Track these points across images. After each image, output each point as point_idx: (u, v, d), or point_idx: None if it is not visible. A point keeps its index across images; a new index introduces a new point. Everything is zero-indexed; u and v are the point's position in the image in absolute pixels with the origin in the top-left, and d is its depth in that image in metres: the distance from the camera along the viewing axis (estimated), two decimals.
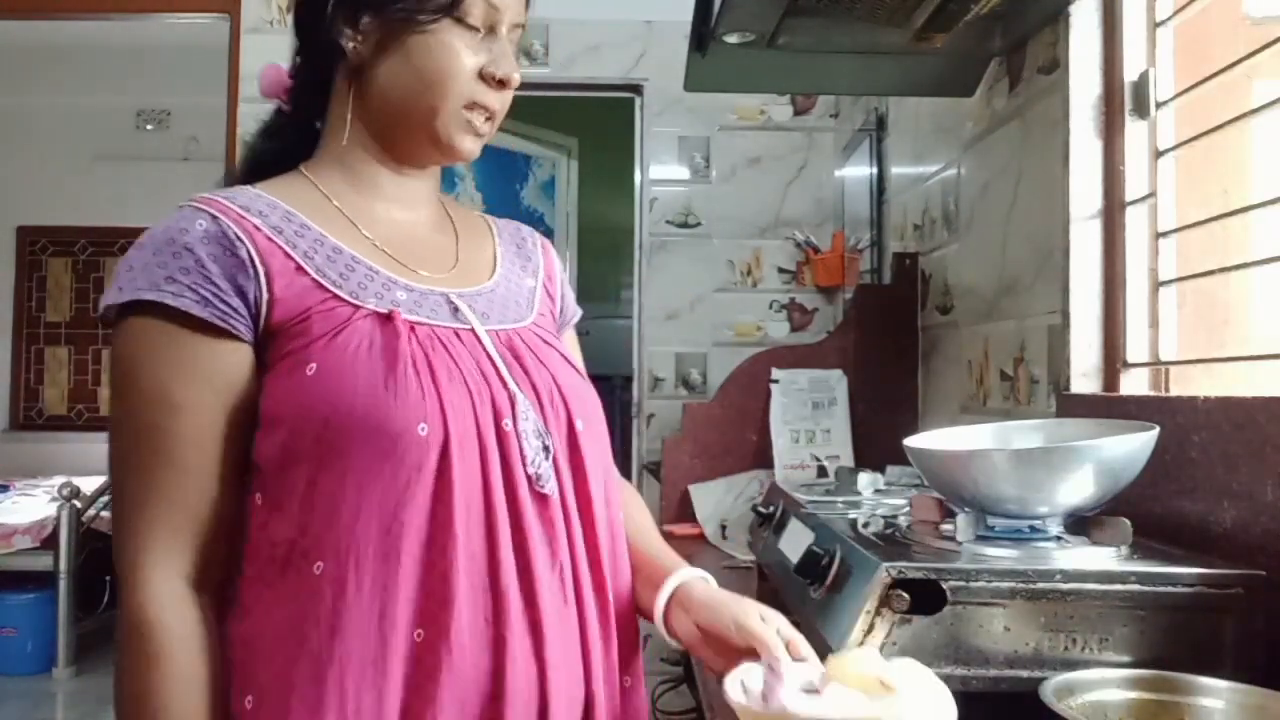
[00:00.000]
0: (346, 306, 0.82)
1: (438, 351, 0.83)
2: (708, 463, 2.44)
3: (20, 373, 6.12)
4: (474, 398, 0.82)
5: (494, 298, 0.93)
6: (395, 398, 0.78)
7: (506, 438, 0.83)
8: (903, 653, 0.92)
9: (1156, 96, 1.35)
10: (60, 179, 5.99)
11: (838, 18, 1.51)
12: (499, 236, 1.03)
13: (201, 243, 0.80)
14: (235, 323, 0.80)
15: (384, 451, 0.78)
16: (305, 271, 0.83)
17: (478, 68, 0.88)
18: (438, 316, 0.86)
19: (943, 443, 1.17)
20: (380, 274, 0.86)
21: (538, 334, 0.93)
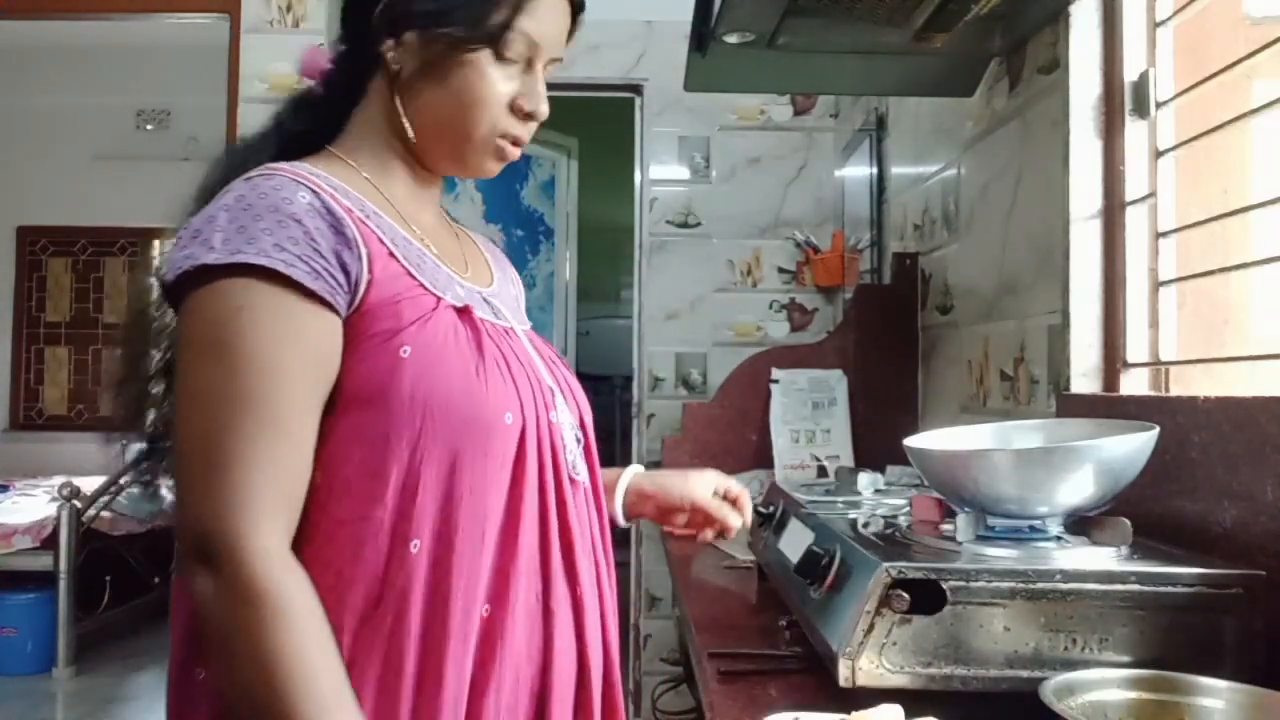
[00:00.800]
0: (430, 296, 0.85)
1: (506, 348, 0.90)
2: (708, 463, 2.42)
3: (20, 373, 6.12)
4: (536, 392, 0.90)
5: (504, 300, 0.99)
6: (486, 387, 0.84)
7: (554, 429, 0.91)
8: (902, 652, 0.92)
9: (1156, 96, 1.35)
10: (60, 179, 6.00)
11: (838, 18, 1.51)
12: (479, 243, 1.08)
13: (308, 214, 0.80)
14: (339, 298, 0.80)
15: (478, 439, 0.83)
16: (395, 258, 0.85)
17: (510, 99, 0.91)
18: (490, 315, 0.93)
19: (943, 443, 1.17)
20: (442, 269, 0.91)
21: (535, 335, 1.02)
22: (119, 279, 6.19)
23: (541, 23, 0.90)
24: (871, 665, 0.92)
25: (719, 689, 1.06)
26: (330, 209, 0.82)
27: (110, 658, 4.35)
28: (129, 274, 6.20)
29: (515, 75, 0.91)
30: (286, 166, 0.85)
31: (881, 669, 0.92)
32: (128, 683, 4.11)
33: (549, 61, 0.94)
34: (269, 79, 3.02)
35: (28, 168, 6.04)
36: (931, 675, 0.92)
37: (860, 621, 0.92)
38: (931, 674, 0.92)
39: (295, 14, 3.02)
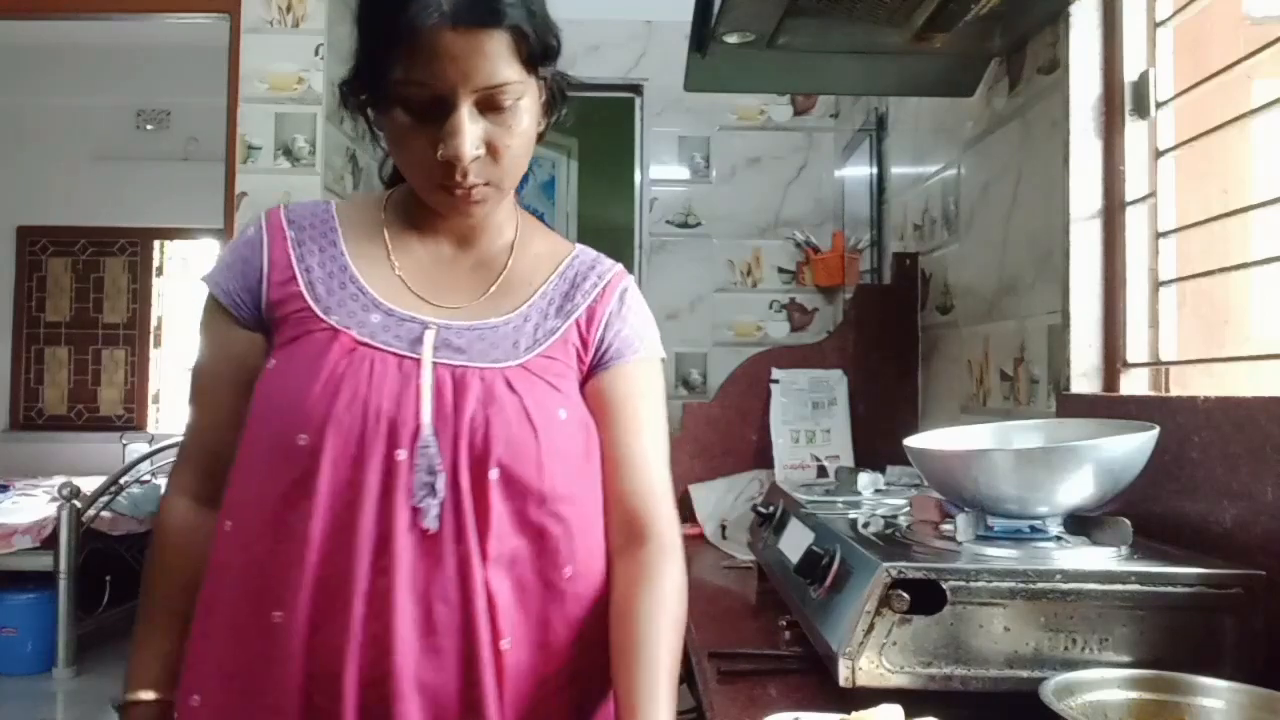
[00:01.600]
0: (313, 318, 0.92)
1: (359, 374, 0.89)
2: (708, 463, 2.44)
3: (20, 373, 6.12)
4: (368, 422, 0.87)
5: (491, 335, 0.94)
6: (291, 410, 0.88)
7: (395, 467, 0.86)
8: (902, 652, 0.92)
9: (1156, 96, 1.35)
10: (60, 179, 5.99)
11: (838, 18, 1.51)
12: (560, 275, 1.01)
13: (244, 246, 0.97)
14: (244, 312, 0.96)
15: (271, 454, 0.88)
16: (296, 281, 0.94)
17: (430, 150, 0.88)
18: (394, 344, 0.91)
19: (943, 443, 1.17)
20: (366, 296, 0.94)
21: (516, 376, 0.92)
22: (119, 279, 6.18)
23: (425, 64, 0.84)
24: (871, 665, 0.92)
25: (719, 689, 1.06)
26: (258, 242, 0.96)
27: (110, 658, 4.35)
28: (129, 274, 6.20)
29: (434, 123, 0.87)
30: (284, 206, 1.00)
31: (881, 669, 0.92)
32: None
33: (477, 91, 0.86)
34: (269, 79, 3.02)
35: (28, 168, 6.03)
36: (931, 675, 0.92)
37: (860, 621, 0.92)
38: (931, 674, 0.92)
39: (295, 14, 3.02)
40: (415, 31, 0.83)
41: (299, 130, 3.01)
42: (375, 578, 0.85)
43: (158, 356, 6.27)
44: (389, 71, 0.86)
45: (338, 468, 0.86)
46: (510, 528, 0.89)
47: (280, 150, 3.01)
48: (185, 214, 5.79)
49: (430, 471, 0.87)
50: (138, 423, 6.10)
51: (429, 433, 0.87)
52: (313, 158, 3.00)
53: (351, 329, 0.91)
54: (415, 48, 0.84)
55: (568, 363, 0.97)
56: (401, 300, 0.95)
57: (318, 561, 0.85)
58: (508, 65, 0.87)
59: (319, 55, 2.98)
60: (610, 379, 0.99)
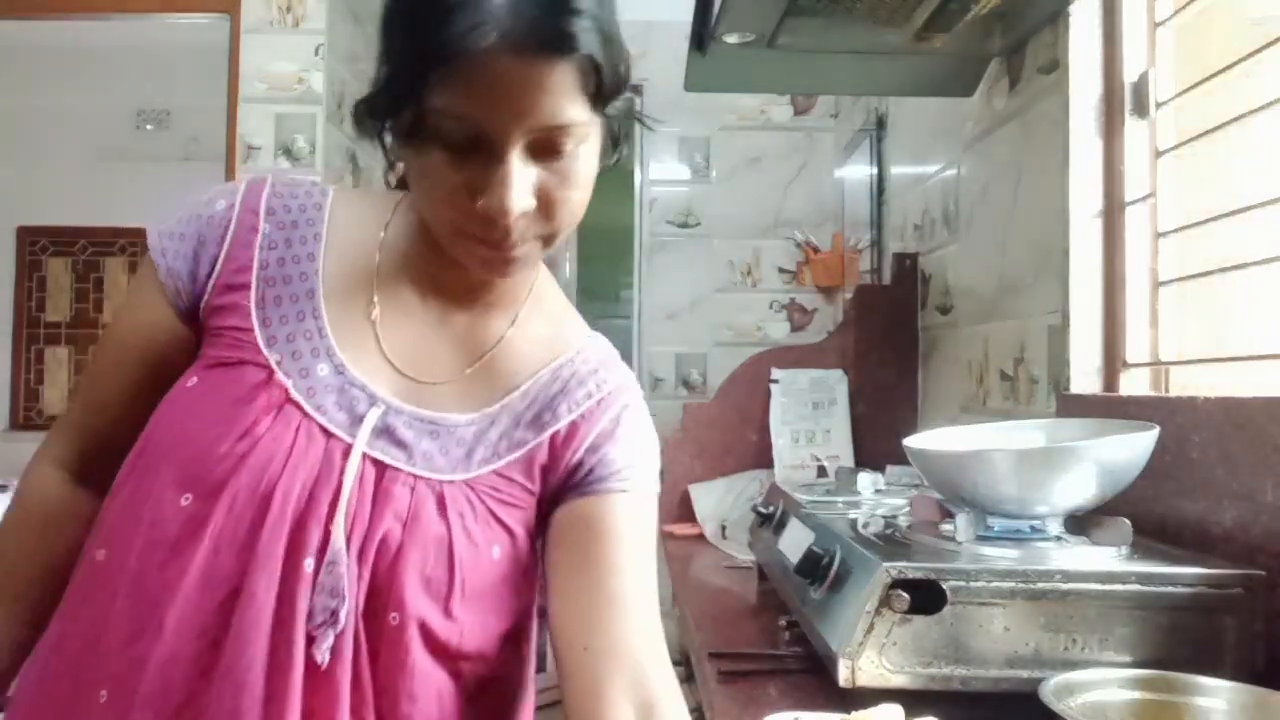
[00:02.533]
0: (252, 347, 0.76)
1: (279, 442, 0.72)
2: (708, 463, 2.44)
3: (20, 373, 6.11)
4: (271, 510, 0.70)
5: (445, 435, 0.77)
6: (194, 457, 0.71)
7: (298, 577, 0.70)
8: (902, 652, 0.92)
9: (1156, 96, 1.35)
10: (60, 179, 5.98)
11: (838, 18, 1.51)
12: (553, 373, 0.83)
13: (205, 222, 0.80)
14: (180, 301, 0.79)
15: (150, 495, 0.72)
16: (246, 293, 0.77)
17: (465, 194, 0.70)
18: (331, 413, 0.75)
19: (943, 443, 1.17)
20: (322, 339, 0.77)
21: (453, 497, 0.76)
22: (119, 279, 6.18)
23: (473, 94, 0.67)
24: (871, 665, 0.92)
25: (719, 689, 1.06)
26: (224, 223, 0.79)
27: None
28: (129, 274, 6.20)
29: (475, 164, 0.69)
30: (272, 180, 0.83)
31: (881, 669, 0.92)
32: None
33: (534, 133, 0.69)
34: (269, 79, 3.02)
35: (28, 168, 6.03)
36: (931, 675, 0.92)
37: (860, 621, 0.92)
38: (931, 674, 0.92)
39: (295, 14, 3.02)
40: (463, 54, 0.65)
41: (299, 130, 3.01)
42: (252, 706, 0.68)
43: None
44: (423, 97, 0.68)
45: (220, 551, 0.70)
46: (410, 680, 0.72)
47: (280, 150, 3.01)
48: None
49: (334, 595, 0.70)
50: None
51: (340, 545, 0.70)
52: (313, 158, 3.00)
53: (291, 377, 0.75)
54: (461, 73, 0.66)
55: (525, 485, 0.79)
56: (361, 355, 0.77)
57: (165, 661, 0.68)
58: (573, 103, 0.69)
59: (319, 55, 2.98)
60: (598, 509, 0.79)
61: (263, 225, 0.80)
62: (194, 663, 0.69)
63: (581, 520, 0.79)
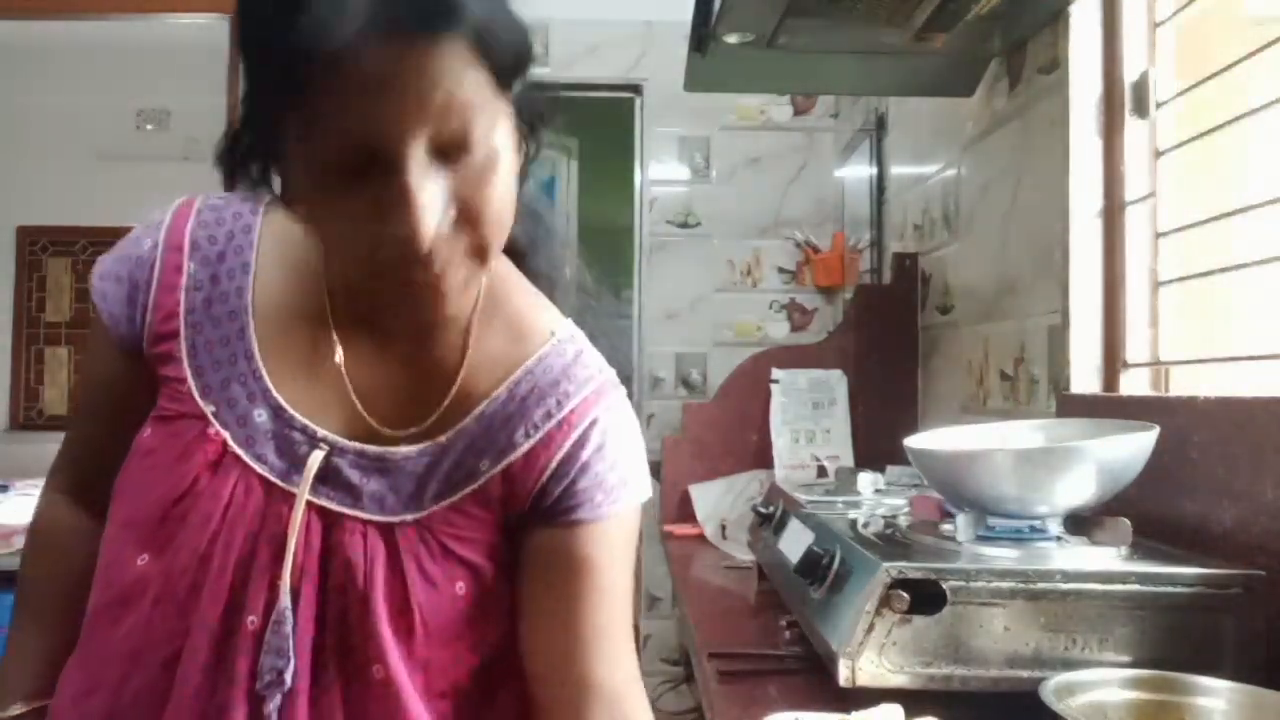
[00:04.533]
0: (189, 398, 0.71)
1: (217, 497, 0.68)
2: (708, 463, 2.44)
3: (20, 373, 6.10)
4: (211, 565, 0.67)
5: (396, 470, 0.71)
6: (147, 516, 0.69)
7: (241, 636, 0.66)
8: (902, 652, 0.92)
9: (1156, 96, 1.35)
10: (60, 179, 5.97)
11: (838, 18, 1.51)
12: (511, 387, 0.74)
13: (136, 264, 0.74)
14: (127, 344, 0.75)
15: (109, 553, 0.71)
16: (177, 343, 0.72)
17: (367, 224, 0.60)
18: (270, 460, 0.70)
19: (943, 443, 1.17)
20: (257, 381, 0.71)
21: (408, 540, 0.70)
22: None
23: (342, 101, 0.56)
24: (871, 665, 0.92)
25: (719, 689, 1.06)
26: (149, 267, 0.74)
27: None
28: None
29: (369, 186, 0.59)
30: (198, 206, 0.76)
31: (881, 669, 0.92)
32: None
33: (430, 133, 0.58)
34: None
35: (28, 168, 6.02)
36: (931, 675, 0.92)
37: (860, 621, 0.92)
38: (931, 674, 0.92)
39: None
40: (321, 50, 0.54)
41: None
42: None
43: None
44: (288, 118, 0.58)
45: (163, 609, 0.67)
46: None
47: None
48: None
49: (280, 655, 0.66)
50: None
51: (286, 603, 0.66)
52: None
53: (229, 428, 0.70)
54: (328, 75, 0.55)
55: (484, 518, 0.73)
56: (304, 394, 0.71)
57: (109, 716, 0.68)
58: (470, 85, 0.59)
59: None
60: (566, 539, 0.73)
61: (186, 264, 0.73)
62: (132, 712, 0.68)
63: (549, 552, 0.73)
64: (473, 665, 0.72)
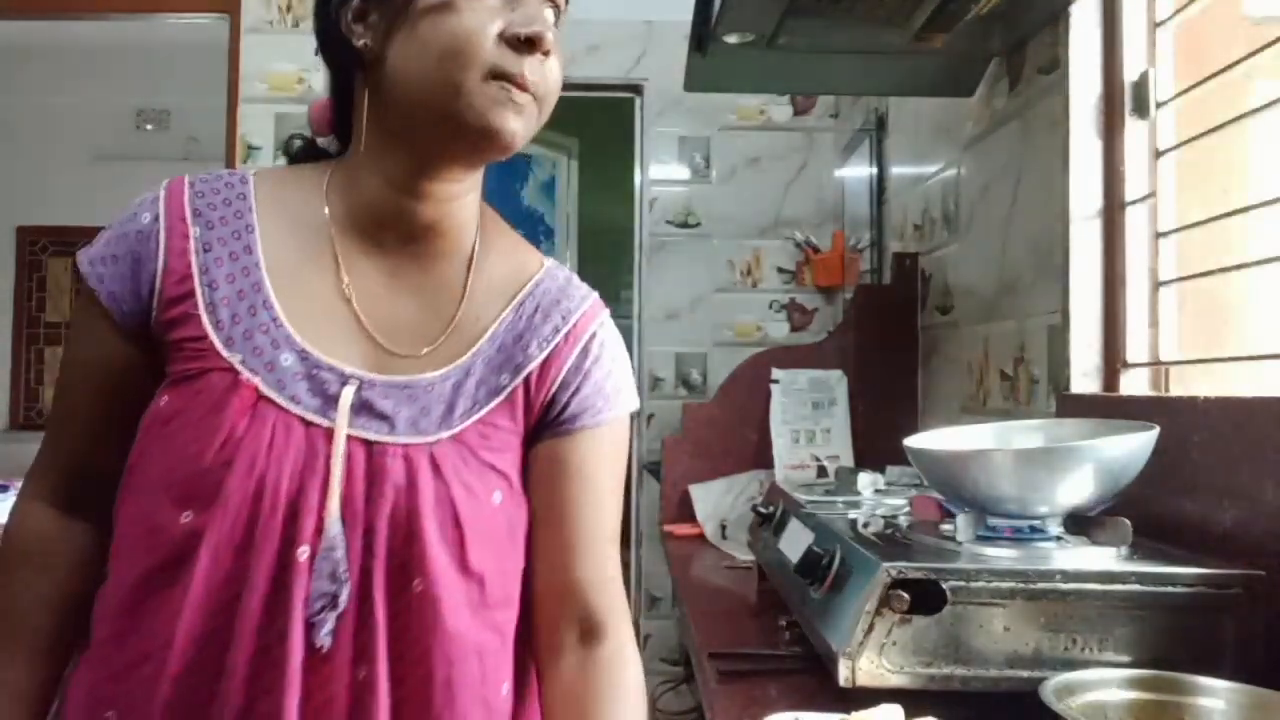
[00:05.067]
0: (213, 353, 0.74)
1: (259, 440, 0.72)
2: (708, 463, 2.44)
3: (20, 373, 6.11)
4: (263, 506, 0.71)
5: (424, 395, 0.77)
6: (183, 475, 0.72)
7: (294, 566, 0.71)
8: (902, 652, 0.92)
9: (1156, 96, 1.35)
10: (60, 179, 5.98)
11: (838, 18, 1.51)
12: (516, 308, 0.83)
13: (135, 238, 0.77)
14: (129, 321, 0.77)
15: (142, 522, 0.73)
16: (195, 301, 0.76)
17: (497, 30, 0.73)
18: (304, 400, 0.74)
19: (943, 443, 1.17)
20: (279, 329, 0.76)
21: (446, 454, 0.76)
22: None
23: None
24: (871, 665, 0.92)
25: (719, 689, 1.06)
26: (152, 236, 0.77)
27: None
28: None
29: (498, 7, 0.74)
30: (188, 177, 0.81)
31: (881, 669, 0.92)
32: None
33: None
34: (269, 79, 3.02)
35: (28, 168, 6.03)
36: (931, 675, 0.92)
37: (860, 621, 0.92)
38: (931, 674, 0.92)
39: (295, 14, 3.02)
40: None
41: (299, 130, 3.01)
42: (253, 700, 0.70)
43: None
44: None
45: (219, 557, 0.71)
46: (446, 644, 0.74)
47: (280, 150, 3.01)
48: None
49: (334, 579, 0.71)
50: None
51: (336, 530, 0.71)
52: None
53: (258, 374, 0.74)
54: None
55: (511, 429, 0.80)
56: (324, 335, 0.77)
57: (178, 672, 0.70)
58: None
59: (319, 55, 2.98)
60: (566, 448, 0.81)
61: (191, 230, 0.77)
62: (204, 670, 0.71)
63: (552, 460, 0.81)
64: (518, 576, 0.80)
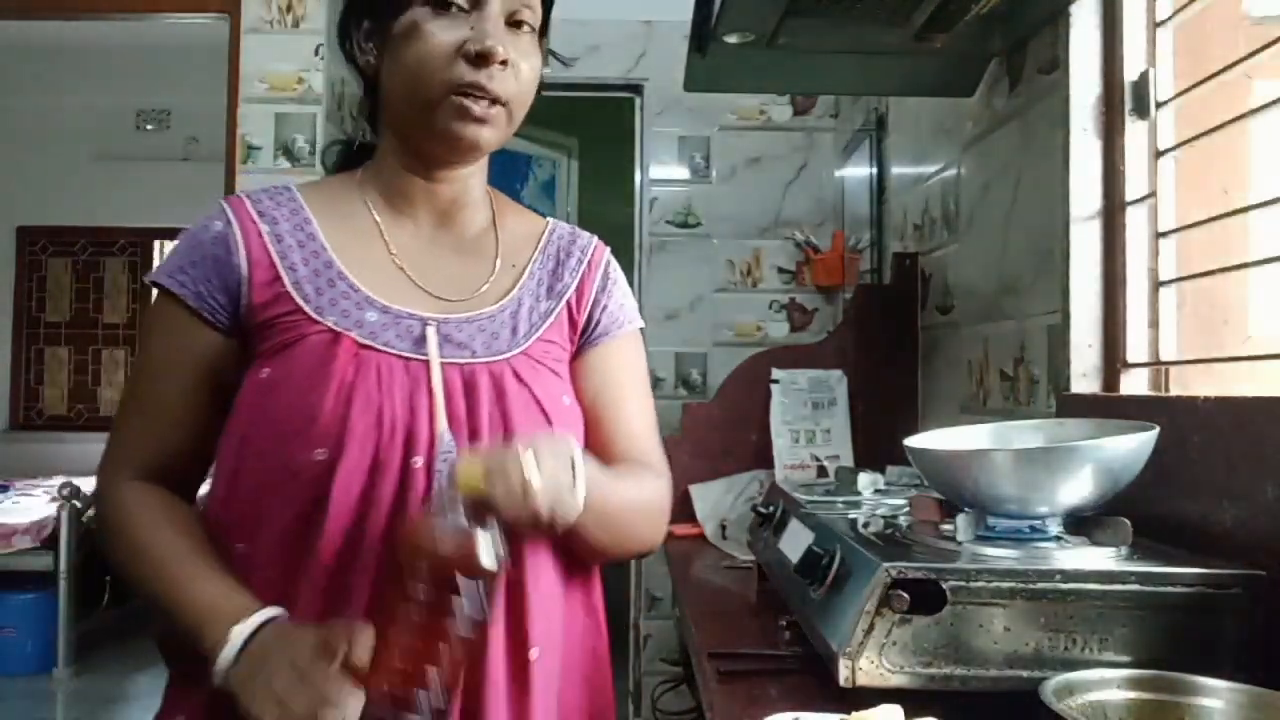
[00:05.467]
0: (307, 321, 0.87)
1: (369, 380, 0.85)
2: (708, 463, 2.44)
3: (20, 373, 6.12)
4: (383, 432, 0.84)
5: (489, 324, 0.93)
6: (305, 423, 0.84)
7: (412, 476, 0.85)
8: (902, 652, 0.92)
9: (1156, 96, 1.35)
10: (60, 179, 5.99)
11: (838, 18, 1.51)
12: (542, 251, 1.02)
13: (211, 244, 0.90)
14: (220, 317, 0.90)
15: (285, 470, 0.84)
16: (282, 282, 0.89)
17: (454, 46, 0.87)
18: (396, 344, 0.88)
19: (943, 443, 1.17)
20: (358, 294, 0.90)
21: (522, 366, 0.92)
22: (119, 279, 6.19)
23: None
24: (871, 665, 0.92)
25: (719, 689, 1.06)
26: (229, 238, 0.90)
27: (110, 658, 4.35)
28: (129, 274, 6.20)
29: (461, 23, 0.87)
30: (245, 193, 0.94)
31: (881, 669, 0.92)
32: (128, 683, 4.11)
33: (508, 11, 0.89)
34: (269, 79, 3.02)
35: (28, 168, 6.03)
36: (931, 675, 0.92)
37: (860, 621, 0.92)
38: (931, 674, 0.92)
39: (295, 14, 3.02)
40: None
41: (299, 130, 3.01)
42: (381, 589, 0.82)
43: None
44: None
45: (352, 481, 0.83)
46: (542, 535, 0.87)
47: (280, 150, 3.01)
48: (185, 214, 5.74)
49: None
50: None
51: (449, 439, 0.86)
52: (313, 158, 3.00)
53: (352, 331, 0.87)
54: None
55: (563, 345, 0.99)
56: (394, 294, 0.91)
57: (327, 575, 0.83)
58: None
59: (319, 55, 2.98)
60: (601, 356, 1.01)
61: (262, 226, 0.91)
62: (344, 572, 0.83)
63: (596, 365, 1.00)
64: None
